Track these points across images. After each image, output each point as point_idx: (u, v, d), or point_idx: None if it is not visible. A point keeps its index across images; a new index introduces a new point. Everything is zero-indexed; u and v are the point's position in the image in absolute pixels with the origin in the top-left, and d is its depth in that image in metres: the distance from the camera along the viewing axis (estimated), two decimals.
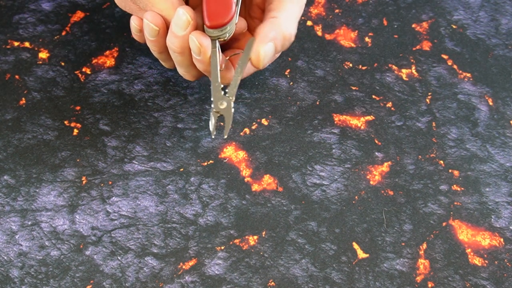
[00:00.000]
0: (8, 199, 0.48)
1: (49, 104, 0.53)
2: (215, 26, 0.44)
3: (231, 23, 0.45)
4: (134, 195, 0.48)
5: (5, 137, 0.51)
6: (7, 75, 0.54)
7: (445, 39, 0.59)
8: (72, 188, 0.48)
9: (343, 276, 0.45)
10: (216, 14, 0.44)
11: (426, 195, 0.49)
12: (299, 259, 0.46)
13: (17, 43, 0.56)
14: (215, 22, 0.44)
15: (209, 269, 0.45)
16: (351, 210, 0.48)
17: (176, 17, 0.43)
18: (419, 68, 0.57)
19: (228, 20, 0.44)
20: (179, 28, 0.44)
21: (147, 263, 0.45)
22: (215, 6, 0.44)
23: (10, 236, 0.46)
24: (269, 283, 0.45)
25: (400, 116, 0.54)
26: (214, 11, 0.44)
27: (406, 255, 0.46)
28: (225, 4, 0.44)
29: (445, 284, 0.45)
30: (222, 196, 0.49)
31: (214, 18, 0.44)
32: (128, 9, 0.48)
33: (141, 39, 0.49)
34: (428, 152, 0.52)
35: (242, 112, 0.53)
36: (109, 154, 0.50)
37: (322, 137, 0.52)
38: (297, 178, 0.50)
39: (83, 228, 0.47)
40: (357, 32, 0.59)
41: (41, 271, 0.44)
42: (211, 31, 0.44)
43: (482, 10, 0.62)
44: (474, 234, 0.48)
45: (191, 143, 0.51)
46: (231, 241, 0.46)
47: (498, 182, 0.50)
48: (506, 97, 0.56)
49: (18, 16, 0.58)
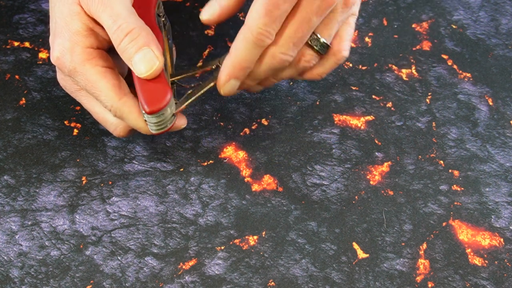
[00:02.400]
0: (8, 199, 0.48)
1: (49, 104, 0.53)
2: (154, 111, 0.42)
3: (170, 105, 0.43)
4: (134, 195, 0.48)
5: (5, 137, 0.51)
6: (7, 75, 0.54)
7: (445, 39, 0.59)
8: (72, 188, 0.48)
9: (343, 276, 0.45)
10: (153, 98, 0.42)
11: (426, 195, 0.49)
12: (299, 259, 0.46)
13: (17, 43, 0.56)
14: (153, 107, 0.42)
15: (209, 269, 0.45)
16: (351, 210, 0.48)
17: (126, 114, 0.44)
18: (419, 68, 0.57)
19: (166, 103, 0.42)
20: (128, 121, 0.45)
21: (147, 263, 0.45)
22: (150, 91, 0.43)
23: (10, 236, 0.46)
24: (269, 283, 0.45)
25: (400, 116, 0.54)
26: (151, 96, 0.42)
27: (406, 255, 0.46)
28: (160, 87, 0.43)
29: (445, 284, 0.45)
30: (222, 196, 0.49)
31: (152, 103, 0.42)
32: (68, 89, 0.47)
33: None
34: (428, 152, 0.52)
35: (242, 112, 0.53)
36: (109, 154, 0.50)
37: (322, 137, 0.52)
38: (297, 178, 0.50)
39: (83, 228, 0.47)
40: (357, 32, 0.59)
41: (41, 271, 0.45)
42: (150, 117, 0.43)
43: (482, 10, 0.62)
44: (474, 234, 0.48)
45: (191, 143, 0.51)
46: (231, 241, 0.46)
47: (498, 182, 0.50)
48: (506, 97, 0.56)
49: (18, 16, 0.58)
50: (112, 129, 0.47)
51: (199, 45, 0.58)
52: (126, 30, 0.42)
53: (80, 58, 0.43)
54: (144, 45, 0.42)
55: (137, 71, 0.42)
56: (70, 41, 0.43)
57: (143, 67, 0.42)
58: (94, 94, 0.44)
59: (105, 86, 0.43)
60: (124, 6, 0.43)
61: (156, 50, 0.42)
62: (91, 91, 0.44)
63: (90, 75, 0.43)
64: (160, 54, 0.43)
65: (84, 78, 0.44)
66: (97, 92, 0.44)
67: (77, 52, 0.43)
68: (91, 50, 0.44)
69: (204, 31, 0.59)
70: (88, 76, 0.43)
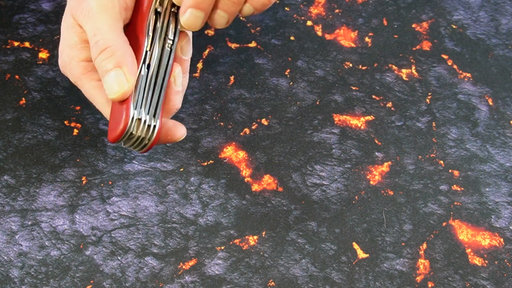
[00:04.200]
0: (8, 199, 0.48)
1: (49, 104, 0.53)
2: (111, 140, 0.40)
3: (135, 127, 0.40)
4: (134, 195, 0.48)
5: (5, 137, 0.51)
6: (7, 75, 0.54)
7: (445, 39, 0.59)
8: (72, 188, 0.48)
9: (343, 276, 0.45)
10: (112, 126, 0.40)
11: (426, 195, 0.49)
12: (299, 259, 0.46)
13: (17, 43, 0.56)
14: (111, 136, 0.40)
15: (209, 269, 0.45)
16: (351, 210, 0.48)
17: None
18: (419, 68, 0.57)
19: (120, 133, 0.39)
20: None
21: (147, 263, 0.45)
22: (113, 116, 0.40)
23: (10, 236, 0.46)
24: (269, 283, 0.45)
25: (400, 116, 0.54)
26: (112, 123, 0.40)
27: (406, 255, 0.46)
28: (120, 113, 0.40)
29: (445, 284, 0.45)
30: (222, 196, 0.49)
31: (110, 131, 0.40)
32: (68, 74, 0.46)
33: None
34: (428, 152, 0.52)
35: (242, 112, 0.53)
36: (109, 154, 0.50)
37: (322, 137, 0.52)
38: (297, 178, 0.50)
39: (83, 228, 0.47)
40: (357, 32, 0.59)
41: (41, 271, 0.45)
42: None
43: (482, 10, 0.62)
44: (474, 234, 0.48)
45: (191, 143, 0.51)
46: (231, 241, 0.46)
47: (498, 182, 0.50)
48: (506, 97, 0.56)
49: (18, 16, 0.58)
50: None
51: (199, 45, 0.58)
52: (101, 47, 0.41)
53: (76, 72, 0.43)
54: (116, 66, 0.40)
55: (106, 91, 0.41)
56: (68, 56, 0.44)
57: (111, 88, 0.40)
58: (95, 106, 0.44)
59: (100, 101, 0.43)
60: (107, 21, 0.41)
61: (127, 73, 0.40)
62: (90, 101, 0.44)
63: (87, 90, 0.44)
64: (131, 76, 0.40)
65: (84, 90, 0.44)
66: (94, 103, 0.44)
67: (73, 67, 0.43)
68: (86, 64, 0.43)
69: (204, 31, 0.59)
70: (86, 89, 0.44)
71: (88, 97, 0.44)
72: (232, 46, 0.58)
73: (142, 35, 0.42)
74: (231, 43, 0.58)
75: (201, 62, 0.56)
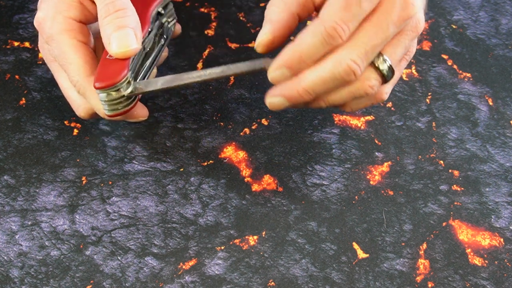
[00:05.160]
0: (8, 199, 0.48)
1: (49, 104, 0.53)
2: (99, 87, 0.42)
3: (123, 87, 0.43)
4: (134, 195, 0.48)
5: (5, 137, 0.51)
6: (7, 75, 0.54)
7: (445, 39, 0.59)
8: (72, 188, 0.48)
9: (343, 276, 0.45)
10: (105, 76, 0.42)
11: (426, 195, 0.49)
12: (299, 259, 0.46)
13: (17, 43, 0.56)
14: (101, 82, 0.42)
15: (209, 269, 0.45)
16: (351, 210, 0.48)
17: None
18: (419, 68, 0.57)
19: (113, 82, 0.42)
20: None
21: (147, 263, 0.45)
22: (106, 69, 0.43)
23: (10, 236, 0.46)
24: (269, 283, 0.45)
25: (400, 116, 0.54)
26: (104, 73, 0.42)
27: (406, 255, 0.46)
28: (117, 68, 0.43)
29: (445, 284, 0.45)
30: (222, 196, 0.49)
31: (102, 79, 0.42)
32: (44, 56, 0.47)
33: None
34: (428, 152, 0.52)
35: (242, 112, 0.53)
36: (109, 154, 0.50)
37: (322, 137, 0.52)
38: (297, 178, 0.50)
39: (83, 228, 0.47)
40: None
41: (41, 271, 0.45)
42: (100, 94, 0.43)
43: (482, 10, 0.62)
44: (474, 234, 0.48)
45: (191, 143, 0.51)
46: (231, 241, 0.46)
47: (498, 182, 0.50)
48: (506, 97, 0.56)
49: (18, 16, 0.58)
50: (75, 108, 0.47)
51: (199, 45, 0.58)
52: (117, 7, 0.42)
53: (59, 27, 0.43)
54: (129, 26, 0.42)
55: (111, 47, 0.42)
56: (55, 8, 0.44)
57: (118, 44, 0.42)
58: (64, 66, 0.44)
59: (76, 60, 0.43)
60: None
61: (139, 36, 0.43)
62: (61, 62, 0.44)
63: (64, 46, 0.43)
64: (141, 40, 0.43)
65: (59, 47, 0.43)
66: (67, 65, 0.44)
67: (58, 20, 0.43)
68: (72, 22, 0.44)
69: (204, 31, 0.59)
70: (62, 46, 0.43)
71: (58, 55, 0.44)
72: (232, 46, 0.58)
73: (143, 21, 0.45)
74: (231, 43, 0.58)
75: (201, 62, 0.56)
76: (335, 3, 0.38)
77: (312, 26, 0.38)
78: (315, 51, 0.39)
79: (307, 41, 0.38)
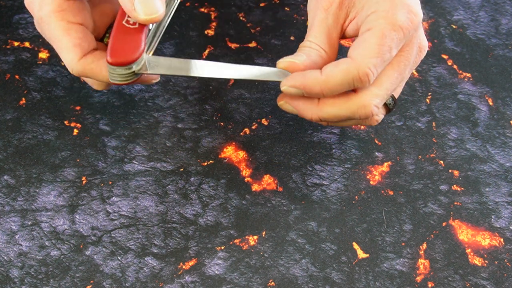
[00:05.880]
0: (8, 199, 0.48)
1: (49, 104, 0.53)
2: (114, 63, 0.41)
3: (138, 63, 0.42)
4: (134, 195, 0.48)
5: (5, 137, 0.51)
6: (7, 75, 0.54)
7: (445, 39, 0.59)
8: (72, 188, 0.48)
9: (343, 276, 0.45)
10: (120, 51, 0.41)
11: (426, 195, 0.49)
12: (299, 259, 0.46)
13: (17, 43, 0.56)
14: (115, 59, 0.41)
15: (209, 269, 0.45)
16: (351, 210, 0.48)
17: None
18: (419, 68, 0.57)
19: (131, 60, 0.41)
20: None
21: (147, 263, 0.45)
22: (122, 42, 0.41)
23: (10, 236, 0.46)
24: (269, 283, 0.45)
25: (400, 116, 0.54)
26: (120, 47, 0.41)
27: (406, 255, 0.46)
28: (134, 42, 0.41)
29: (445, 284, 0.45)
30: (222, 196, 0.49)
31: (116, 55, 0.41)
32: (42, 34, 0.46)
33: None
34: (428, 152, 0.52)
35: (242, 112, 0.53)
36: (109, 154, 0.50)
37: (322, 137, 0.52)
38: (297, 178, 0.50)
39: (83, 228, 0.47)
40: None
41: (41, 271, 0.45)
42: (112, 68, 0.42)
43: (482, 10, 0.62)
44: (474, 234, 0.48)
45: (191, 143, 0.51)
46: (231, 241, 0.46)
47: (498, 182, 0.50)
48: (506, 97, 0.56)
49: (18, 16, 0.58)
50: (90, 84, 0.47)
51: (199, 45, 0.58)
52: None
53: (48, 9, 0.42)
54: None
55: (137, 13, 0.41)
56: None
57: (145, 10, 0.40)
58: (56, 49, 0.43)
59: (66, 44, 0.42)
60: None
61: (163, 4, 0.41)
62: (54, 45, 0.43)
63: (54, 29, 0.42)
64: (164, 8, 0.41)
65: (49, 30, 0.42)
66: (59, 49, 0.43)
67: (46, 2, 0.42)
68: (62, 2, 0.42)
69: (204, 31, 0.59)
70: (52, 29, 0.42)
71: (50, 38, 0.43)
72: (232, 46, 0.58)
73: None
74: (231, 43, 0.58)
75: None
76: (369, 47, 0.38)
77: (345, 65, 0.39)
78: (340, 88, 0.40)
79: (336, 78, 0.39)
